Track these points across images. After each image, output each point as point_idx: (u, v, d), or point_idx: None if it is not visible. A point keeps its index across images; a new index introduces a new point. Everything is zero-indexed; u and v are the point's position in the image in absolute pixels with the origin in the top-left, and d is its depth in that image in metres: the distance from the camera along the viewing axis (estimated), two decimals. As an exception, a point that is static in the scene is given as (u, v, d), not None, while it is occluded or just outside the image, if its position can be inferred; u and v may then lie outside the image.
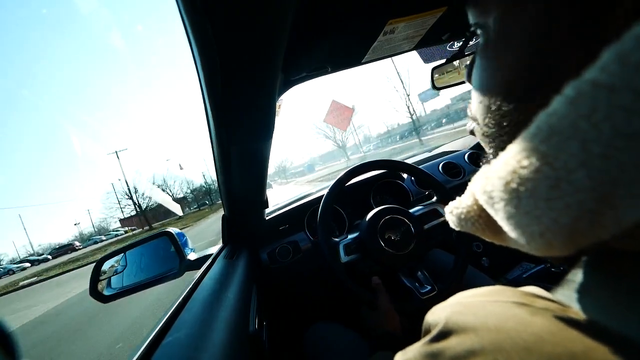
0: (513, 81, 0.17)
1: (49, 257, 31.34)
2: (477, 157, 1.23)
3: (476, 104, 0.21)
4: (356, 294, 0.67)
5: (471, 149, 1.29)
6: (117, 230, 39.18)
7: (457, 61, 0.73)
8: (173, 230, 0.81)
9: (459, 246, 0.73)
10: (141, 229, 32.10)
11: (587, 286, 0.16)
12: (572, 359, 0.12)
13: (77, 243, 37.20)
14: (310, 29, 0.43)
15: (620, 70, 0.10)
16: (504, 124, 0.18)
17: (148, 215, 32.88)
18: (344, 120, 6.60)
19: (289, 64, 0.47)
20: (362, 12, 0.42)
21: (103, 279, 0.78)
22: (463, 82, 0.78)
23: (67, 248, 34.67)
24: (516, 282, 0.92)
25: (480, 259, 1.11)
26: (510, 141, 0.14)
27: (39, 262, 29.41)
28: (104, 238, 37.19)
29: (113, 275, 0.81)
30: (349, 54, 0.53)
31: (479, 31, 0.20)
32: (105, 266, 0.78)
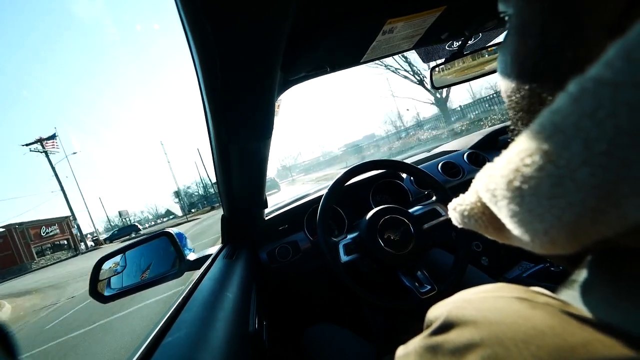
0: (524, 69, 0.18)
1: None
2: (476, 156, 1.22)
3: (500, 86, 0.21)
4: (397, 305, 0.67)
5: (470, 148, 1.29)
6: None
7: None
8: (172, 230, 0.81)
9: (458, 246, 0.73)
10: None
11: (590, 285, 0.16)
12: (571, 351, 0.12)
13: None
14: (309, 28, 0.43)
15: (626, 67, 0.10)
16: (520, 106, 0.18)
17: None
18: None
19: (288, 64, 0.47)
20: (361, 11, 0.42)
21: (103, 280, 0.78)
22: (463, 82, 0.77)
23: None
24: (516, 282, 0.92)
25: (479, 258, 1.11)
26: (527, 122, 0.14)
27: None
28: None
29: (113, 275, 0.80)
30: (348, 53, 0.53)
31: (506, 19, 0.20)
32: (105, 266, 0.78)
